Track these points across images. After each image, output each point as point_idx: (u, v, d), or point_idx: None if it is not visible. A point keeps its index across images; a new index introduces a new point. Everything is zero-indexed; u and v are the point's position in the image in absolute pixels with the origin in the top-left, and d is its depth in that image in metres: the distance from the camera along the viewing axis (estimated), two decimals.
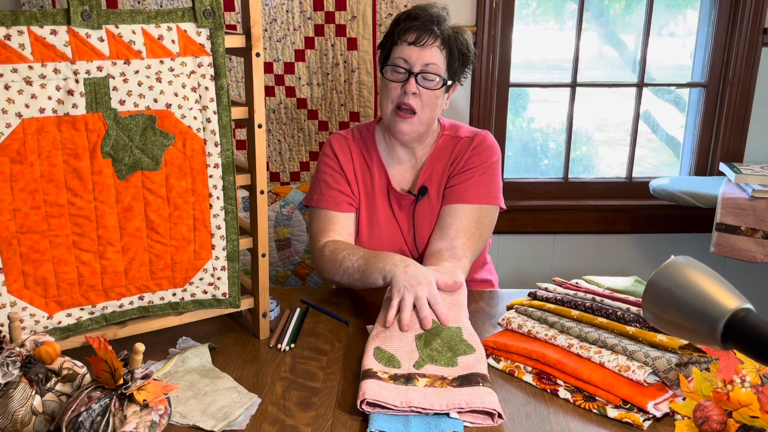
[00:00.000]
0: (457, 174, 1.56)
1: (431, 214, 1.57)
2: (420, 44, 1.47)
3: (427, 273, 1.32)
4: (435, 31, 1.48)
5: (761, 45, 2.34)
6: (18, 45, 1.01)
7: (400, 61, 1.49)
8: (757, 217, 2.07)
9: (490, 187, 1.55)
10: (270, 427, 1.06)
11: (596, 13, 2.56)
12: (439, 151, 1.59)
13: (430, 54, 1.47)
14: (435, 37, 1.48)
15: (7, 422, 0.95)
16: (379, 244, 1.58)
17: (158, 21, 1.11)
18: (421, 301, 1.25)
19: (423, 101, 1.49)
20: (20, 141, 1.05)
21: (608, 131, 2.86)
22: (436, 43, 1.48)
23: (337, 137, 1.64)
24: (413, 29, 1.49)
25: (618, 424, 1.07)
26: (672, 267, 0.72)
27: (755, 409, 0.92)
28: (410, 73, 1.48)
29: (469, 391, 1.08)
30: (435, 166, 1.58)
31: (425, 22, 1.48)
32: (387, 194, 1.60)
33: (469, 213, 1.52)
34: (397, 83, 1.49)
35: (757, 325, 0.64)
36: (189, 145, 1.17)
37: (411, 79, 1.47)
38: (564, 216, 2.53)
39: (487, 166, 1.55)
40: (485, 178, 1.54)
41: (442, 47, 1.49)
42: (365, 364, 1.15)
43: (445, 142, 1.60)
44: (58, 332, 1.16)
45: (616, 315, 1.20)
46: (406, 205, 1.59)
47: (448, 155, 1.58)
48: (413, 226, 1.58)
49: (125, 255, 1.18)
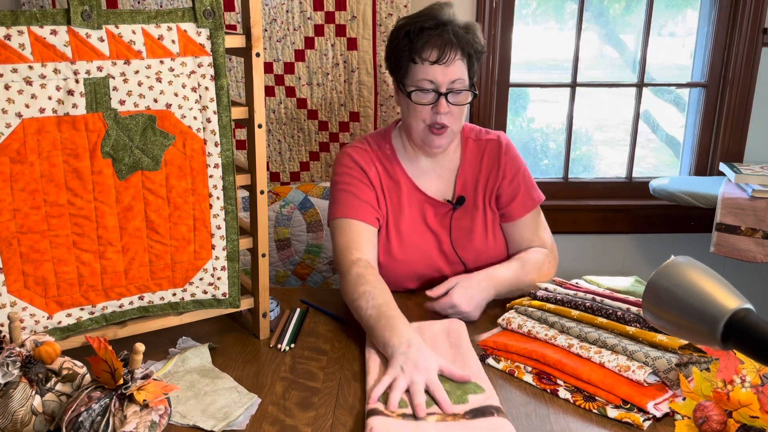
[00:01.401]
0: (505, 187, 1.56)
1: (470, 220, 1.56)
2: (443, 62, 1.41)
3: (429, 358, 1.16)
4: (454, 41, 1.42)
5: (761, 45, 2.33)
6: (18, 45, 1.01)
7: (426, 83, 1.43)
8: (757, 217, 2.07)
9: (534, 188, 1.60)
10: (270, 427, 1.06)
11: (596, 13, 2.56)
12: (469, 157, 1.58)
13: (455, 69, 1.43)
14: (456, 50, 1.42)
15: (7, 422, 0.95)
16: (412, 254, 1.54)
17: (158, 21, 1.11)
18: (416, 387, 1.10)
19: (455, 115, 1.46)
20: (20, 141, 1.05)
21: (608, 131, 2.86)
22: (458, 55, 1.43)
23: (357, 150, 1.57)
24: (431, 45, 1.42)
25: (618, 424, 1.07)
26: (672, 267, 0.72)
27: (755, 409, 0.92)
28: (439, 93, 1.43)
29: (484, 422, 1.03)
30: (468, 172, 1.58)
31: (442, 34, 1.42)
32: (420, 204, 1.56)
33: (532, 218, 1.59)
34: (426, 105, 1.45)
35: (757, 325, 0.64)
36: (189, 145, 1.17)
37: (441, 99, 1.43)
38: (564, 216, 2.53)
39: (523, 170, 1.59)
40: (528, 183, 1.59)
41: (463, 57, 1.45)
42: (370, 404, 1.08)
43: (472, 147, 1.59)
44: (58, 332, 1.16)
45: (616, 315, 1.20)
46: (441, 213, 1.56)
47: (479, 160, 1.58)
48: (450, 233, 1.55)
49: (125, 255, 1.18)
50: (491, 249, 1.57)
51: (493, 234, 1.57)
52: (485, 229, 1.57)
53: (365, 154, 1.56)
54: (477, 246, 1.56)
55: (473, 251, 1.56)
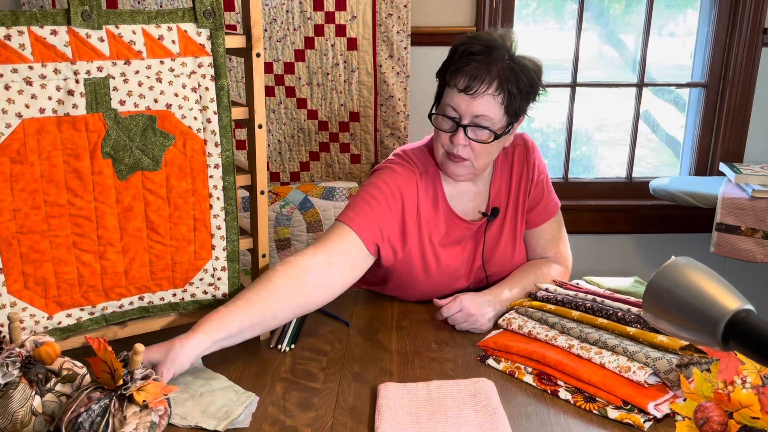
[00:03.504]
0: (533, 191, 1.51)
1: (498, 231, 1.50)
2: (470, 93, 1.31)
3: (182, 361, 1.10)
4: (492, 73, 1.31)
5: (761, 45, 2.34)
6: (18, 45, 1.01)
7: (449, 109, 1.34)
8: (757, 217, 2.07)
9: (553, 192, 1.57)
10: (270, 427, 1.06)
11: (596, 13, 2.56)
12: (499, 167, 1.51)
13: (482, 104, 1.31)
14: (489, 84, 1.31)
15: (7, 422, 0.95)
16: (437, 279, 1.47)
17: (158, 21, 1.11)
18: None
19: (475, 151, 1.36)
20: (20, 141, 1.05)
21: (608, 131, 2.86)
22: (490, 90, 1.31)
23: (406, 171, 1.43)
24: (465, 72, 1.32)
25: (618, 424, 1.06)
26: (672, 267, 0.72)
27: (756, 410, 0.91)
28: (458, 124, 1.34)
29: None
30: (501, 183, 1.51)
31: (480, 65, 1.31)
32: (456, 228, 1.47)
33: (552, 225, 1.56)
34: (446, 133, 1.37)
35: (757, 325, 0.64)
36: (189, 145, 1.17)
37: (459, 131, 1.34)
38: (564, 216, 2.52)
39: (545, 170, 1.55)
40: (549, 186, 1.55)
41: (498, 93, 1.32)
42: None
43: (501, 158, 1.51)
44: (58, 332, 1.16)
45: (617, 316, 1.20)
46: (474, 230, 1.48)
47: (509, 168, 1.51)
48: (483, 246, 1.49)
49: (125, 255, 1.18)
50: (517, 258, 1.53)
51: (519, 244, 1.52)
52: (513, 241, 1.50)
53: (411, 176, 1.43)
54: (504, 256, 1.51)
55: (499, 262, 1.51)
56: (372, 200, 1.38)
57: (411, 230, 1.42)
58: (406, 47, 2.24)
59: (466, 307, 1.35)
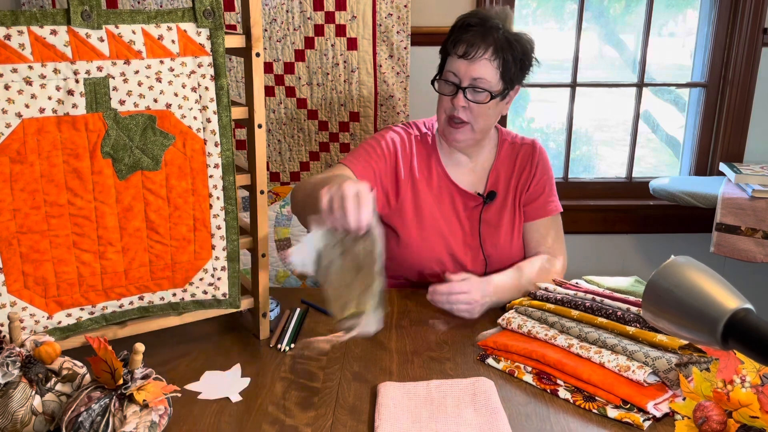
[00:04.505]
0: (532, 186, 1.60)
1: (498, 216, 1.60)
2: (468, 58, 1.47)
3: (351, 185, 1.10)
4: (487, 40, 1.46)
5: (761, 45, 2.33)
6: (18, 45, 1.01)
7: (450, 74, 1.50)
8: (757, 217, 2.07)
9: (556, 196, 1.65)
10: (270, 427, 1.06)
11: (596, 13, 2.56)
12: (503, 157, 1.63)
13: (479, 67, 1.47)
14: (485, 49, 1.46)
15: (7, 422, 0.95)
16: (435, 239, 1.57)
17: (158, 21, 1.11)
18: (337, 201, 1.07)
19: (474, 113, 1.50)
20: (20, 141, 1.05)
21: (608, 131, 2.86)
22: (486, 54, 1.46)
23: (402, 130, 1.62)
24: (463, 41, 1.48)
25: (618, 424, 1.07)
26: (672, 267, 0.72)
27: (755, 409, 0.92)
28: (458, 87, 1.49)
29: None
30: (501, 170, 1.62)
31: (477, 34, 1.47)
32: (450, 194, 1.60)
33: (551, 223, 1.63)
34: (447, 96, 1.51)
35: (757, 325, 0.64)
36: (189, 145, 1.17)
37: (459, 93, 1.49)
38: (564, 216, 2.52)
39: (550, 175, 1.65)
40: (551, 189, 1.64)
41: (494, 58, 1.47)
42: None
43: (507, 148, 1.64)
44: (58, 332, 1.16)
45: (616, 315, 1.20)
46: (471, 205, 1.60)
47: (513, 160, 1.63)
48: (480, 225, 1.59)
49: (125, 255, 1.18)
50: (515, 249, 1.61)
51: (518, 235, 1.61)
52: (512, 228, 1.61)
53: (408, 137, 1.61)
54: (502, 243, 1.60)
55: (497, 247, 1.59)
56: (369, 149, 1.56)
57: (404, 183, 1.57)
58: (406, 47, 2.24)
59: (473, 289, 1.39)
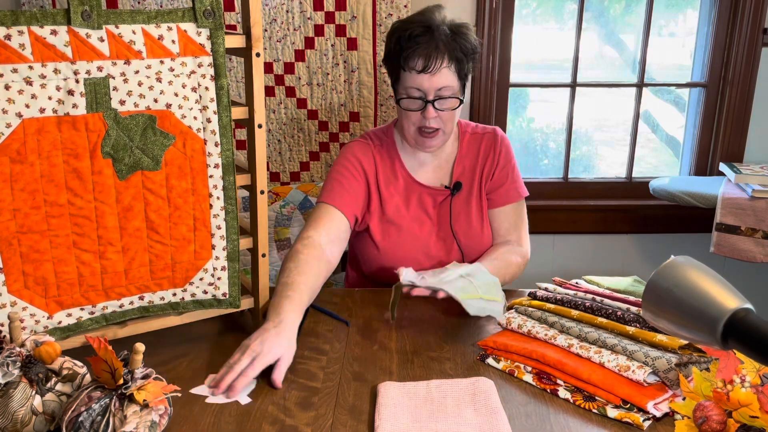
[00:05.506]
0: (497, 173, 1.63)
1: (466, 206, 1.63)
2: (429, 71, 1.45)
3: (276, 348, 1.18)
4: (441, 49, 1.45)
5: (761, 45, 2.33)
6: (18, 45, 1.01)
7: (413, 90, 1.49)
8: (757, 217, 2.07)
9: (520, 182, 1.68)
10: (270, 427, 1.06)
11: (596, 13, 2.56)
12: (466, 148, 1.65)
13: (441, 78, 1.47)
14: (442, 57, 1.45)
15: (7, 422, 0.95)
16: (411, 242, 1.61)
17: (158, 21, 1.11)
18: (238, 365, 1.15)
19: (444, 119, 1.51)
20: (20, 141, 1.05)
21: (608, 131, 2.86)
22: (444, 63, 1.46)
23: (360, 144, 1.64)
24: (418, 54, 1.46)
25: (618, 423, 1.07)
26: (672, 267, 0.72)
27: (755, 409, 0.92)
28: (425, 101, 1.48)
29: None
30: (465, 161, 1.65)
31: (428, 44, 1.45)
32: (418, 195, 1.62)
33: (514, 210, 1.66)
34: (415, 111, 1.51)
35: (756, 325, 0.64)
36: (189, 145, 1.17)
37: (429, 107, 1.48)
38: (564, 216, 2.53)
39: (514, 163, 1.67)
40: (515, 175, 1.67)
41: (450, 63, 1.47)
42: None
43: (469, 139, 1.66)
44: (58, 332, 1.16)
45: (616, 315, 1.20)
46: (439, 200, 1.63)
47: (476, 150, 1.65)
48: (450, 217, 1.62)
49: (125, 255, 1.18)
50: (486, 236, 1.65)
51: (486, 223, 1.65)
52: (481, 216, 1.64)
53: (366, 148, 1.63)
54: (474, 231, 1.63)
55: (470, 236, 1.63)
56: (339, 176, 1.58)
57: (373, 193, 1.61)
58: None
59: None
